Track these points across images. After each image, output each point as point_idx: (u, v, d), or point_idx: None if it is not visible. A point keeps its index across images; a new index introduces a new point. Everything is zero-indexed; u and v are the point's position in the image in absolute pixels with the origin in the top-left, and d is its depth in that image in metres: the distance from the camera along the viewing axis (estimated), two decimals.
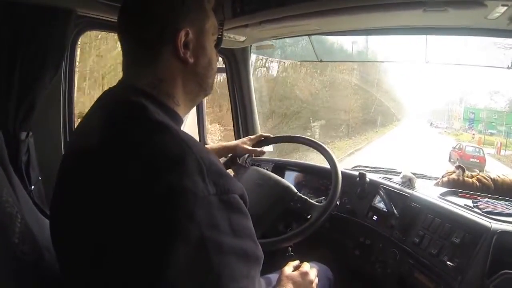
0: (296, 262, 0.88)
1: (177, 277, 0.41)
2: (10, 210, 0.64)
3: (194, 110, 1.63)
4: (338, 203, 1.03)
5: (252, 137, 1.23)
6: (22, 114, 0.99)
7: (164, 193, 0.42)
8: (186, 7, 0.55)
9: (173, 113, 0.56)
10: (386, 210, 1.10)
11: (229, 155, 1.21)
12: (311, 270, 0.84)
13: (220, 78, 2.04)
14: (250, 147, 1.18)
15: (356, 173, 1.21)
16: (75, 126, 1.16)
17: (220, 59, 1.57)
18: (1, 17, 0.92)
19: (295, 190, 1.03)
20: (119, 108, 0.53)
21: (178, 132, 0.49)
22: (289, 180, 1.25)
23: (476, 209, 0.95)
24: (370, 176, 1.21)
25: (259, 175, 1.10)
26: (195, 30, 0.56)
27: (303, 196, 1.02)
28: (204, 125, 1.68)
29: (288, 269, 0.84)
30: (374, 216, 1.14)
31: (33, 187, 1.00)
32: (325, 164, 1.25)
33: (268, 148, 1.46)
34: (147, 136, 0.48)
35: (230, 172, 1.19)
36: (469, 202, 1.00)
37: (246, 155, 1.28)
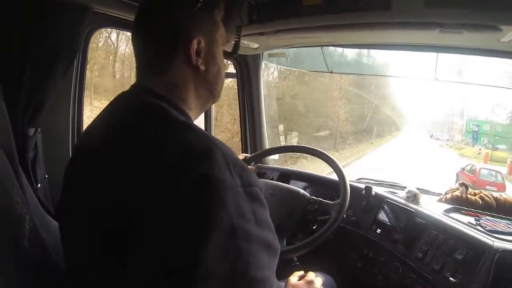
0: (301, 272, 0.89)
1: (211, 263, 0.43)
2: (20, 211, 0.64)
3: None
4: (344, 215, 1.05)
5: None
6: (31, 111, 0.97)
7: (197, 182, 0.44)
8: (199, 17, 0.58)
9: (188, 116, 0.59)
10: (390, 224, 1.12)
11: None
12: (316, 279, 0.86)
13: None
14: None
15: (362, 186, 1.22)
16: (84, 125, 1.15)
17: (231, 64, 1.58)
18: (15, 11, 0.90)
19: (308, 194, 1.05)
20: (139, 110, 0.55)
21: (202, 130, 0.53)
22: None
23: (479, 227, 0.97)
24: (375, 189, 1.22)
25: (268, 185, 1.12)
26: (207, 40, 0.59)
27: (316, 198, 1.04)
28: (211, 130, 1.68)
29: (294, 278, 0.86)
30: (378, 230, 1.15)
31: (39, 185, 0.98)
32: (330, 174, 1.27)
33: (274, 157, 1.48)
34: (173, 134, 0.50)
35: None
36: (472, 220, 1.02)
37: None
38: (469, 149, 15.05)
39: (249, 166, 1.25)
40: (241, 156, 1.31)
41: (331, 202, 1.05)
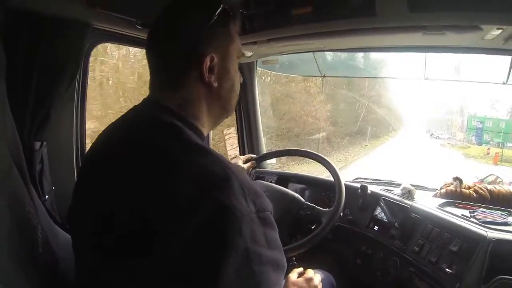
0: (301, 269, 0.91)
1: (225, 285, 0.45)
2: (32, 221, 0.67)
3: None
4: (341, 214, 1.08)
5: (242, 157, 1.32)
6: (37, 124, 1.01)
7: (215, 210, 0.46)
8: (212, 33, 0.57)
9: (200, 134, 0.60)
10: (386, 221, 1.15)
11: None
12: (315, 276, 0.88)
13: None
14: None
15: (358, 185, 1.26)
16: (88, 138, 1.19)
17: None
18: (18, 28, 0.94)
19: (303, 199, 1.08)
20: (152, 125, 0.56)
21: (218, 155, 0.53)
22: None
23: (473, 219, 1.00)
24: (371, 188, 1.26)
25: (265, 187, 1.14)
26: (220, 55, 0.58)
27: (310, 204, 1.07)
28: (209, 138, 1.71)
29: (293, 275, 0.88)
30: (375, 227, 1.18)
31: (47, 196, 1.02)
32: (327, 176, 1.30)
33: (271, 161, 1.51)
34: (191, 157, 0.51)
35: None
36: (466, 212, 1.06)
37: (251, 169, 1.33)
38: (474, 148, 13.42)
39: (247, 165, 1.28)
40: (247, 156, 1.33)
41: (324, 209, 1.08)
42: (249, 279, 0.47)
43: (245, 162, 1.29)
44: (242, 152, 1.67)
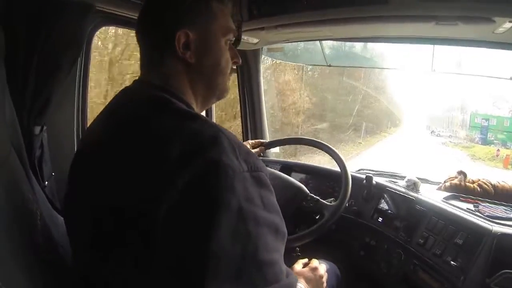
0: (305, 260, 0.91)
1: (221, 245, 0.44)
2: (31, 207, 0.65)
3: None
4: (346, 204, 1.07)
5: (251, 141, 1.29)
6: (37, 109, 0.98)
7: (206, 168, 0.45)
8: (187, 9, 0.58)
9: (191, 107, 0.59)
10: (391, 212, 1.15)
11: None
12: (320, 266, 0.88)
13: None
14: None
15: (363, 176, 1.25)
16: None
17: None
18: (18, 9, 0.91)
19: (307, 191, 1.07)
20: (142, 102, 0.56)
21: (206, 118, 0.54)
22: None
23: (477, 213, 1.00)
24: (376, 179, 1.25)
25: (271, 175, 1.13)
26: (198, 31, 0.58)
27: (314, 196, 1.06)
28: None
29: (298, 266, 0.88)
30: (380, 218, 1.18)
31: (46, 182, 1.00)
32: (332, 166, 1.29)
33: (274, 150, 1.49)
34: (179, 123, 0.51)
35: None
36: (470, 206, 1.06)
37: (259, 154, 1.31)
38: (479, 149, 11.60)
39: (255, 150, 1.26)
40: (257, 141, 1.30)
41: (329, 202, 1.07)
42: (245, 241, 0.45)
43: (254, 147, 1.26)
44: (245, 139, 1.65)
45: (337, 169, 1.14)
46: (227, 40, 0.63)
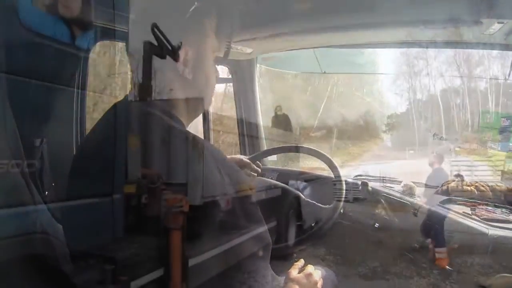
0: (302, 262, 0.91)
1: None
2: (32, 217, 0.67)
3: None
4: (341, 210, 1.08)
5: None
6: (37, 121, 1.01)
7: None
8: (188, 28, 0.60)
9: (180, 122, 0.61)
10: (387, 218, 1.14)
11: None
12: (315, 271, 0.87)
13: None
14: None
15: (359, 182, 1.25)
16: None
17: (226, 69, 1.60)
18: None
19: (303, 196, 1.08)
20: (135, 118, 0.57)
21: (195, 136, 0.57)
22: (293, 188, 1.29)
23: (474, 216, 0.99)
24: (372, 184, 1.25)
25: (266, 184, 1.14)
26: (194, 49, 0.60)
27: (310, 201, 1.07)
28: (210, 136, 1.70)
29: (294, 271, 0.87)
30: (376, 224, 1.17)
31: (46, 192, 1.02)
32: (328, 173, 1.30)
33: (271, 158, 1.51)
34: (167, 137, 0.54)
35: None
36: (467, 210, 1.05)
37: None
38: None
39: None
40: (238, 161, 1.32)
41: (323, 206, 1.08)
42: None
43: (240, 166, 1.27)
44: (243, 151, 1.65)
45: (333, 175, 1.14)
46: (214, 56, 0.65)
